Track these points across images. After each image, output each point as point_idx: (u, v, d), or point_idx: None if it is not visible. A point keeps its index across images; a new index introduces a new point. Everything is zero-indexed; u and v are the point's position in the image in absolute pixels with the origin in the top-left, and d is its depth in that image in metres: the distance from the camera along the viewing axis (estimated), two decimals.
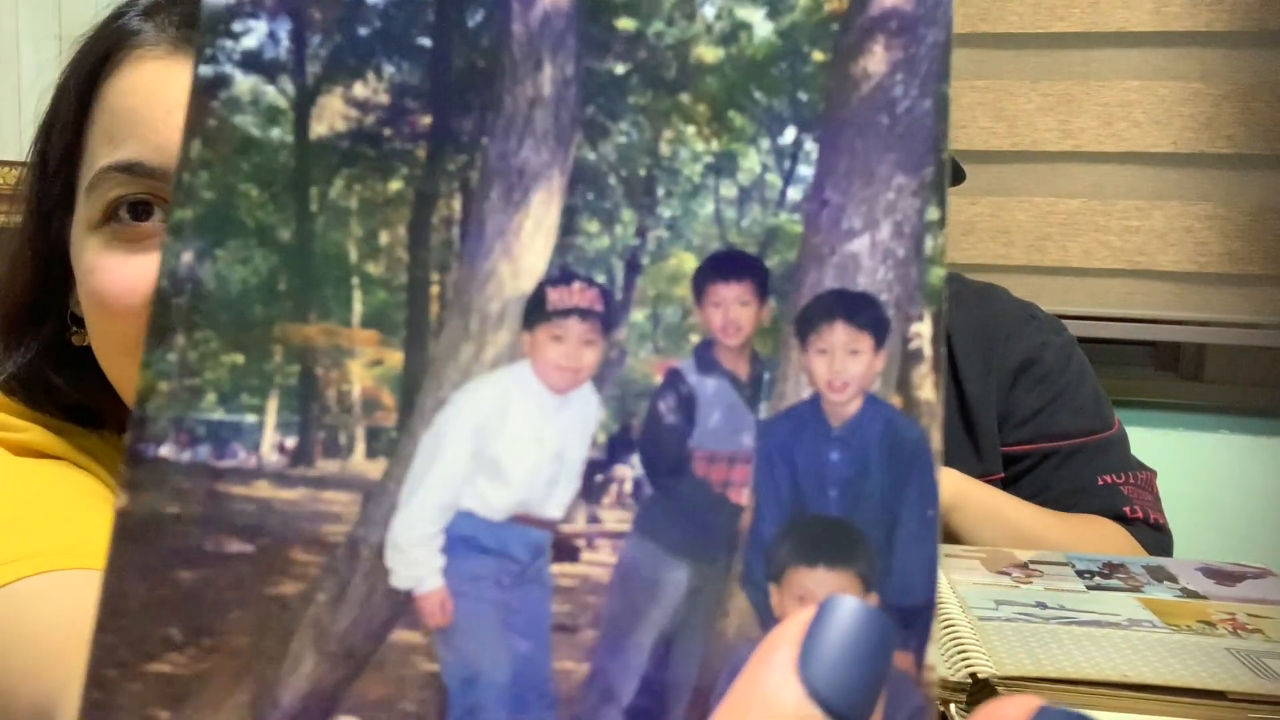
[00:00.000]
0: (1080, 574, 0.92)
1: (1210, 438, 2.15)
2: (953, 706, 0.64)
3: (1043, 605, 0.82)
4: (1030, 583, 0.89)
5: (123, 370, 0.68)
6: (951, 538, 1.09)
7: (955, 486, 1.08)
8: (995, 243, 2.26)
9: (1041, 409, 1.24)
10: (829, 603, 0.22)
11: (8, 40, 2.12)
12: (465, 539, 0.24)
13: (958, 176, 1.38)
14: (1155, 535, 1.19)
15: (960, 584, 0.87)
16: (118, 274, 0.64)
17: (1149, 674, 0.67)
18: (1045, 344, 1.29)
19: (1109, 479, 1.18)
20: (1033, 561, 0.97)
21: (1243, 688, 0.65)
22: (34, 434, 0.70)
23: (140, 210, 0.64)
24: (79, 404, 0.73)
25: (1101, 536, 1.13)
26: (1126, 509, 1.17)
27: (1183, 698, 0.65)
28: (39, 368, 0.72)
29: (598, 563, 0.25)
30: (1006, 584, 0.89)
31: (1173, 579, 0.92)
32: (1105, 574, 0.92)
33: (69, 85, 0.68)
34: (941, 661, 0.67)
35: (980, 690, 0.65)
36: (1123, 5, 2.18)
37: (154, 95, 0.64)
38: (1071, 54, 2.23)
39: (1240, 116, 2.15)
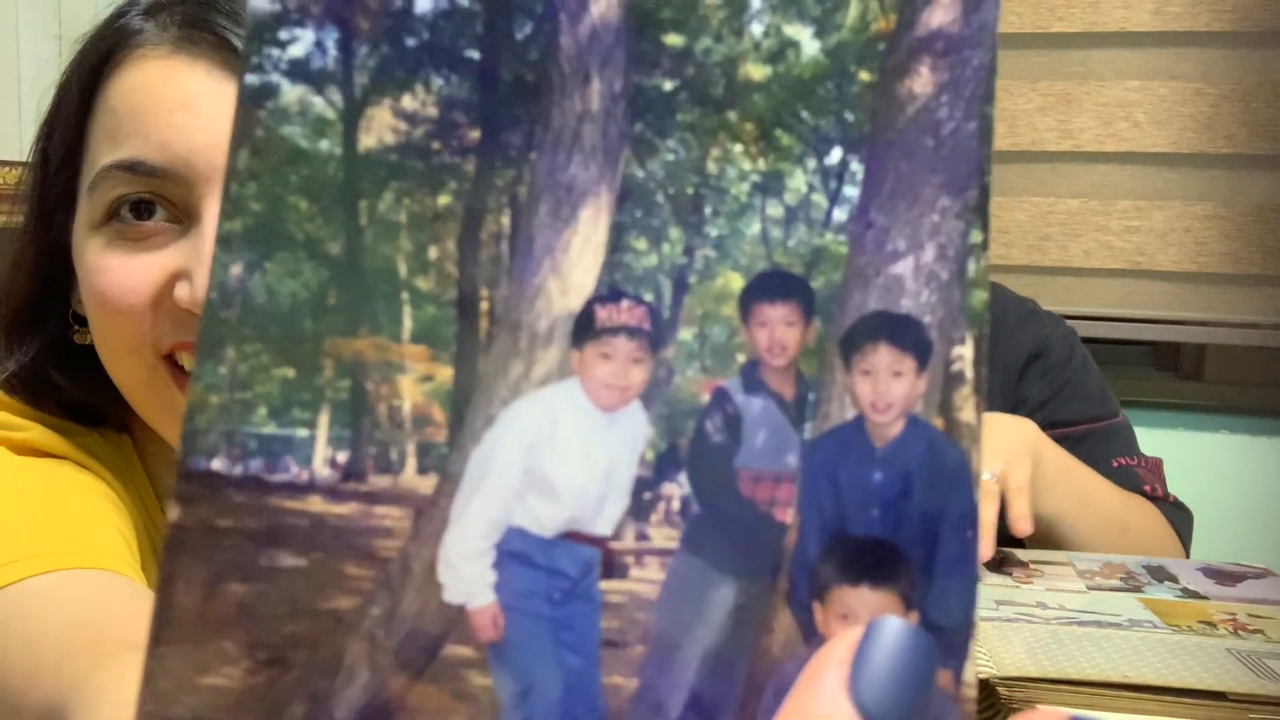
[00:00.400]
0: (1081, 574, 0.92)
1: (1210, 438, 2.16)
2: None
3: (1043, 605, 0.82)
4: (1031, 583, 0.90)
5: (125, 369, 0.68)
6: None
7: (1034, 441, 1.06)
8: (995, 243, 2.27)
9: (1049, 399, 1.26)
10: (876, 624, 0.23)
11: (8, 40, 2.11)
12: (516, 555, 0.25)
13: None
14: (1179, 512, 1.20)
15: None
16: (120, 273, 0.64)
17: (1150, 675, 0.67)
18: (1049, 337, 1.31)
19: (1122, 461, 1.20)
20: (1033, 561, 0.97)
21: (1243, 688, 0.66)
22: (35, 433, 0.70)
23: (142, 209, 0.64)
24: (80, 403, 0.73)
25: (1144, 509, 1.13)
26: (1146, 488, 1.18)
27: (1183, 698, 0.66)
28: (40, 366, 0.72)
29: (646, 579, 0.25)
30: (1008, 584, 0.89)
31: (1173, 579, 0.92)
32: (1105, 574, 0.92)
33: (71, 84, 0.68)
34: None
35: (981, 691, 0.65)
36: (1123, 5, 2.19)
37: (156, 94, 0.64)
38: (1071, 54, 2.23)
39: (1240, 116, 2.15)
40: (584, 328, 0.25)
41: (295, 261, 0.25)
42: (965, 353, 0.25)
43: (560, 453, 0.25)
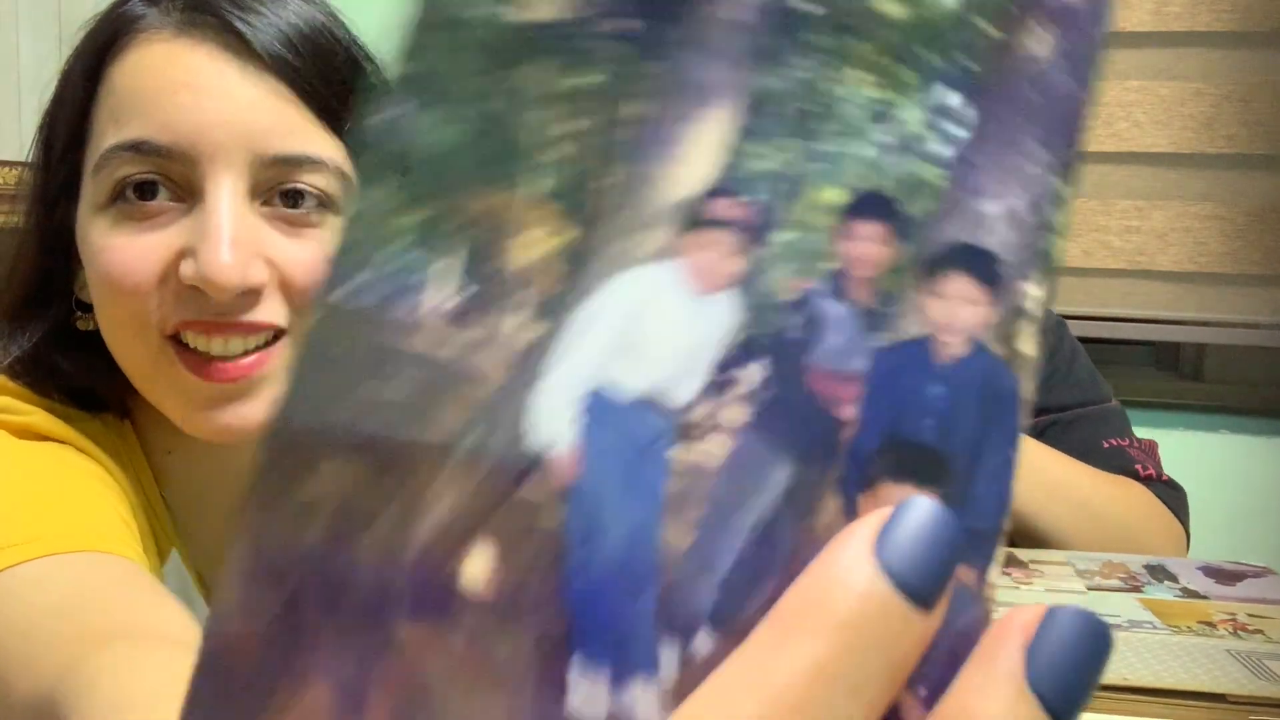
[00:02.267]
0: (1080, 574, 0.92)
1: (1210, 438, 2.21)
2: None
3: None
4: (1030, 583, 0.90)
5: (131, 349, 0.71)
6: None
7: None
8: None
9: (1039, 385, 1.28)
10: (908, 501, 0.25)
11: (8, 40, 2.08)
12: (598, 413, 0.27)
13: None
14: (1172, 492, 1.24)
15: None
16: (126, 253, 0.67)
17: (1149, 677, 0.69)
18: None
19: (1113, 442, 1.23)
20: (1033, 561, 0.97)
21: (1243, 690, 0.67)
22: (37, 417, 0.73)
23: (145, 190, 0.66)
24: (83, 388, 0.76)
25: (1129, 491, 1.18)
26: (1138, 467, 1.22)
27: (1184, 700, 0.68)
28: (44, 351, 0.75)
29: (712, 452, 0.28)
30: (1006, 584, 0.89)
31: (1173, 578, 0.94)
32: (1105, 574, 0.93)
33: (74, 71, 0.71)
34: None
35: None
36: (1123, 5, 2.19)
37: (160, 75, 0.66)
38: None
39: (1240, 116, 2.18)
40: (693, 216, 0.28)
41: (450, 113, 0.27)
42: (1036, 292, 0.28)
43: (653, 326, 0.28)
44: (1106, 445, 1.26)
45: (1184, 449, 1.87)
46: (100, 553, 0.64)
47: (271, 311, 0.69)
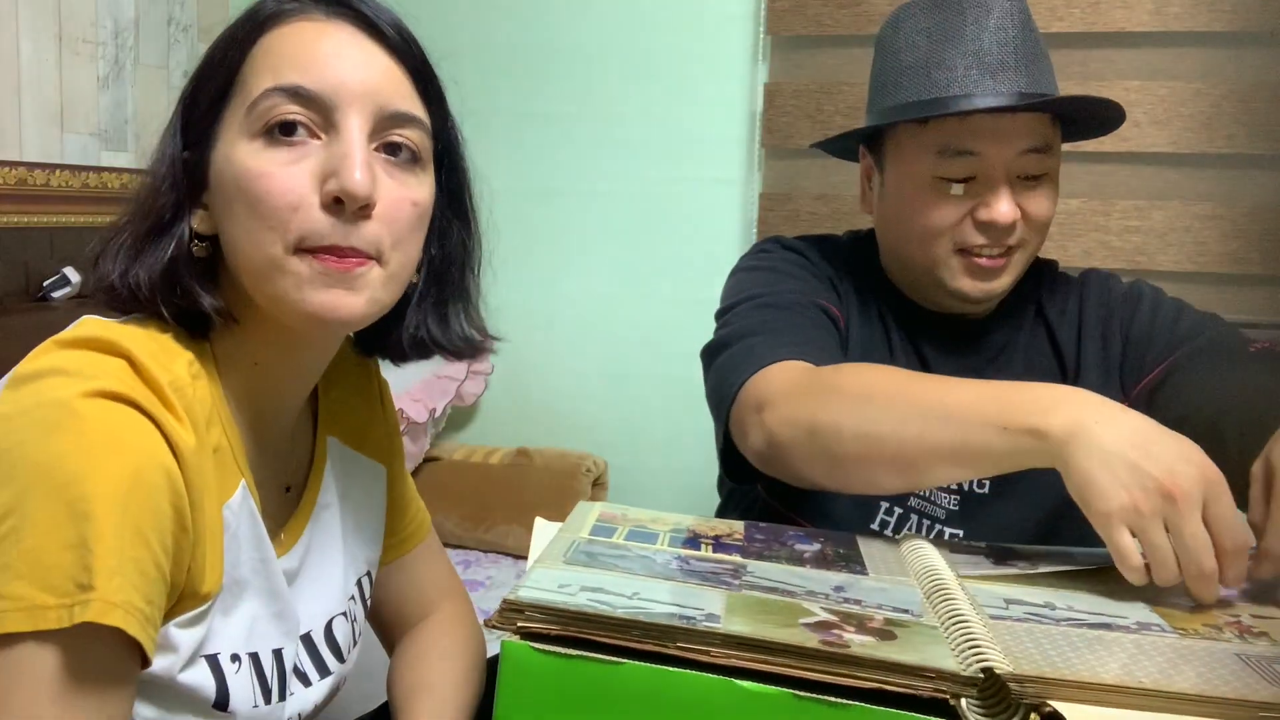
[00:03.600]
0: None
1: None
2: (964, 701, 0.64)
3: (1052, 606, 0.81)
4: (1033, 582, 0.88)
5: (261, 253, 0.82)
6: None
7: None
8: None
9: (1164, 327, 1.30)
10: None
11: (8, 40, 2.12)
12: None
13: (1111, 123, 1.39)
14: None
15: (969, 582, 0.86)
16: (279, 179, 0.81)
17: (1161, 680, 0.67)
18: (1133, 286, 1.38)
19: (1259, 346, 1.21)
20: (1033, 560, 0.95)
21: (1257, 697, 0.65)
22: (110, 380, 0.76)
23: (289, 127, 0.82)
24: (196, 310, 0.86)
25: None
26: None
27: (1192, 701, 0.65)
28: (174, 274, 0.85)
29: None
30: (1012, 576, 0.87)
31: None
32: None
33: (228, 42, 0.87)
34: (954, 656, 0.67)
35: (993, 685, 0.65)
36: (1123, 5, 2.21)
37: (314, 44, 0.84)
38: (1071, 54, 2.25)
39: (1240, 116, 2.18)
40: None
41: None
42: None
43: None
44: (1254, 350, 1.21)
45: None
46: (94, 623, 0.69)
47: (374, 235, 0.83)
